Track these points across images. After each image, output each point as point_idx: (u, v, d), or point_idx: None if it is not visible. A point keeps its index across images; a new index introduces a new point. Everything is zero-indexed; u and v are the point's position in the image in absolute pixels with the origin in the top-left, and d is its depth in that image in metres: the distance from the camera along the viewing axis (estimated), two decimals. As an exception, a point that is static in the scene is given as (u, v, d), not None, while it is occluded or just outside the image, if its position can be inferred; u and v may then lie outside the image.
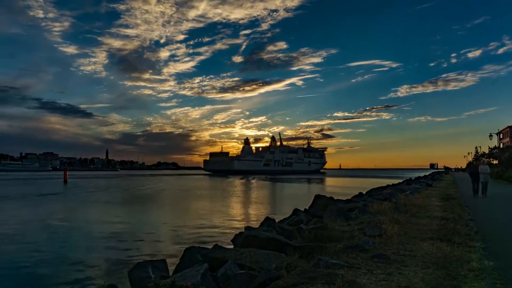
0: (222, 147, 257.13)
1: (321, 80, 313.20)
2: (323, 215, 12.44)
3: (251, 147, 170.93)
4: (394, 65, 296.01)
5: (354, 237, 8.08)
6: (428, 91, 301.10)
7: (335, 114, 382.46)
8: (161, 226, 19.93)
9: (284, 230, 10.12)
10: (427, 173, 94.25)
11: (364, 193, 26.24)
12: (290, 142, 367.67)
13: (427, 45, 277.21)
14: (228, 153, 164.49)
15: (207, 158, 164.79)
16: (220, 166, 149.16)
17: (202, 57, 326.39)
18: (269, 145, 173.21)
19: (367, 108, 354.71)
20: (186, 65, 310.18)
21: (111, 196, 42.39)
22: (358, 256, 6.58)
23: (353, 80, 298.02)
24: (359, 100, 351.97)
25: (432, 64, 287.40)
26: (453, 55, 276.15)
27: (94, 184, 67.47)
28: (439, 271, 5.65)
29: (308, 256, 6.65)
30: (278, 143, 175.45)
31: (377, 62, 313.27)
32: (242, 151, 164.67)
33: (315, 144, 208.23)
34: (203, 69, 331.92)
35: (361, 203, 15.41)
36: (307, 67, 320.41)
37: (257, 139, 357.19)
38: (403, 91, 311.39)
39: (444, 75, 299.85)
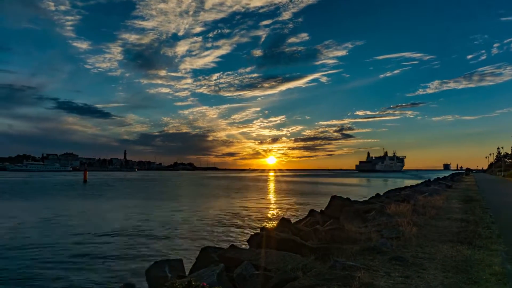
0: (368, 153, 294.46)
1: (346, 75, 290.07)
2: (339, 216, 12.33)
3: (386, 155, 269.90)
4: (426, 58, 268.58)
5: (371, 239, 7.97)
6: (460, 87, 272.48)
7: (357, 112, 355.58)
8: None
9: (300, 231, 10.08)
10: (445, 175, 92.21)
11: (381, 194, 25.86)
12: (308, 143, 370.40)
13: (467, 34, 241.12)
14: (372, 159, 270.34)
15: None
16: (368, 167, 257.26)
17: (220, 51, 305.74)
18: (384, 155, 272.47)
19: (391, 106, 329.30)
20: (203, 60, 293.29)
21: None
22: (376, 258, 6.49)
23: (381, 76, 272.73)
24: (383, 97, 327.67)
25: (470, 57, 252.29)
26: (496, 45, 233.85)
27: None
28: (460, 275, 5.51)
29: (324, 258, 6.60)
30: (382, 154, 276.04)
31: (407, 55, 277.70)
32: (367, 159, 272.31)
33: (335, 143, 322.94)
34: (221, 64, 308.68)
35: (378, 205, 15.19)
36: (331, 62, 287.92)
37: (275, 139, 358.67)
38: (432, 87, 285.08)
39: (481, 69, 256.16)
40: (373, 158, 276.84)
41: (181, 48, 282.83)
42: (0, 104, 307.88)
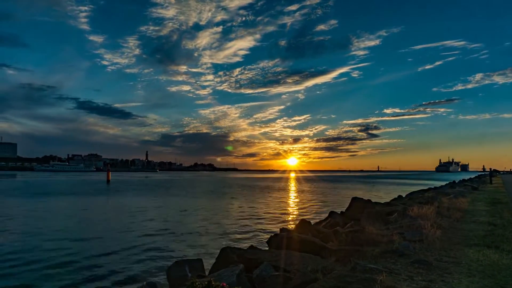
0: (440, 160, 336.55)
1: (378, 68, 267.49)
2: (360, 218, 12.16)
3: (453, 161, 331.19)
4: (471, 46, 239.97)
5: (393, 242, 7.81)
6: (503, 81, 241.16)
7: (385, 110, 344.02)
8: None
9: (320, 232, 10.00)
10: (472, 176, 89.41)
11: (403, 196, 25.34)
12: (330, 143, 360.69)
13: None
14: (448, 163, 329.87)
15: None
16: (444, 169, 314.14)
17: (243, 43, 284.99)
18: (451, 161, 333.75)
19: (423, 103, 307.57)
20: (225, 53, 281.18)
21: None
22: (398, 261, 6.36)
23: (419, 69, 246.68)
24: (417, 92, 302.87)
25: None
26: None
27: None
28: (486, 280, 5.33)
29: (345, 260, 6.51)
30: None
31: (448, 43, 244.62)
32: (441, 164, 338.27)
33: (359, 144, 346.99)
34: (244, 57, 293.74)
35: (401, 207, 14.88)
36: (362, 53, 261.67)
37: (296, 139, 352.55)
38: (474, 81, 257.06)
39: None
40: (445, 162, 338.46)
41: (202, 40, 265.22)
42: (22, 104, 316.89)
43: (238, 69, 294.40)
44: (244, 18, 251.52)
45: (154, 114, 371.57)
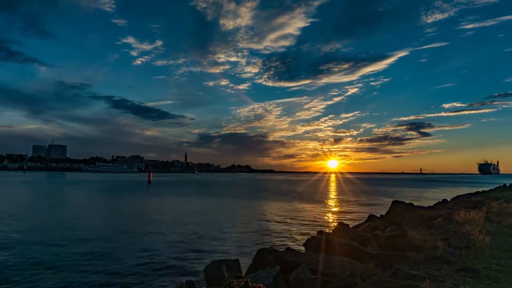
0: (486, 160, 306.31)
1: (447, 49, 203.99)
2: (401, 222, 11.73)
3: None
4: None
5: (437, 248, 7.45)
6: None
7: (443, 105, 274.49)
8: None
9: (359, 236, 9.76)
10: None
11: (448, 200, 24.15)
12: (374, 143, 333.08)
13: None
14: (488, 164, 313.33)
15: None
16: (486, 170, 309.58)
17: (287, 26, 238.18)
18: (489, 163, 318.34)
19: (494, 95, 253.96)
20: (268, 38, 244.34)
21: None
22: (442, 268, 6.06)
23: (507, 50, 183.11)
24: (486, 81, 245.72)
25: None
26: None
27: None
28: (542, 291, 4.95)
29: (385, 265, 6.31)
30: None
31: None
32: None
33: (407, 144, 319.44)
34: (290, 41, 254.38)
35: (445, 211, 14.20)
36: (429, 31, 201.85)
37: (337, 139, 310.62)
38: None
39: None
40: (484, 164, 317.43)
41: (243, 19, 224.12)
42: (58, 104, 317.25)
43: (278, 61, 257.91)
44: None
45: (191, 113, 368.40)
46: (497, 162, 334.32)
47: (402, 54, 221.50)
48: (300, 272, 5.93)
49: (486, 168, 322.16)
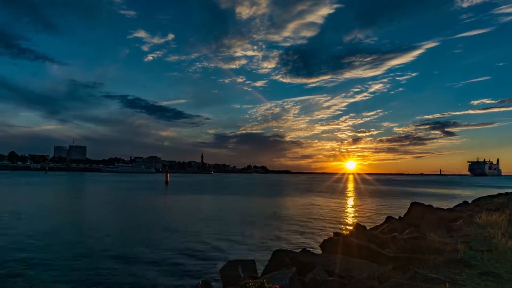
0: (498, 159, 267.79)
1: (484, 38, 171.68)
2: (420, 224, 11.51)
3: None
4: None
5: (458, 251, 7.27)
6: None
7: (472, 102, 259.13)
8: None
9: (376, 238, 9.62)
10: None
11: (469, 201, 23.55)
12: (394, 144, 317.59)
13: None
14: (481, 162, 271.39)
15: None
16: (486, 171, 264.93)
17: (304, 8, 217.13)
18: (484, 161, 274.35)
19: None
20: (285, 29, 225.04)
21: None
22: (463, 272, 5.91)
23: None
24: None
25: None
26: None
27: None
28: None
29: (403, 268, 6.20)
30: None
31: None
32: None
33: (429, 144, 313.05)
34: (309, 33, 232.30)
35: (466, 213, 13.86)
36: (464, 17, 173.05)
37: (356, 139, 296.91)
38: None
39: None
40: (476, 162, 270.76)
41: (259, 8, 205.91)
42: (72, 104, 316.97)
43: (295, 50, 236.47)
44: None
45: (206, 113, 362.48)
46: (497, 160, 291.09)
47: (431, 44, 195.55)
48: (316, 274, 5.90)
49: (478, 168, 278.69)
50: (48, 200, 36.34)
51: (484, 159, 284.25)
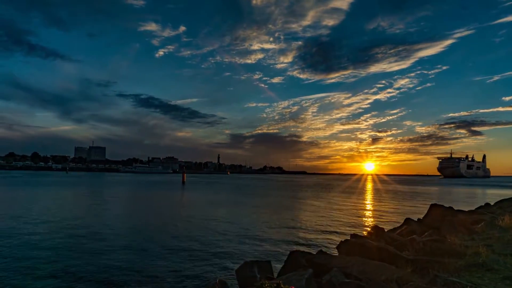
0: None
1: None
2: (439, 226, 11.25)
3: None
4: None
5: (480, 254, 7.08)
6: None
7: (504, 98, 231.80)
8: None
9: (395, 240, 9.46)
10: None
11: (491, 203, 22.85)
12: (415, 144, 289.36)
13: None
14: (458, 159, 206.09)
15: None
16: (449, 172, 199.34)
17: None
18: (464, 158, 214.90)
19: None
20: (303, 18, 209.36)
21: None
22: (485, 276, 5.75)
23: None
24: None
25: None
26: None
27: None
28: None
29: (423, 271, 6.07)
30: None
31: None
32: None
33: (453, 144, 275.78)
34: (331, 21, 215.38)
35: (488, 216, 13.49)
36: (506, 5, 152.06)
37: (376, 139, 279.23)
38: None
39: None
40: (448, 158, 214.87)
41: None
42: (87, 104, 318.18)
43: (314, 42, 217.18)
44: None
45: (221, 112, 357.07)
46: (483, 156, 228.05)
47: (465, 33, 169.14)
48: (333, 276, 5.84)
49: (450, 167, 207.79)
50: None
51: (467, 156, 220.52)
